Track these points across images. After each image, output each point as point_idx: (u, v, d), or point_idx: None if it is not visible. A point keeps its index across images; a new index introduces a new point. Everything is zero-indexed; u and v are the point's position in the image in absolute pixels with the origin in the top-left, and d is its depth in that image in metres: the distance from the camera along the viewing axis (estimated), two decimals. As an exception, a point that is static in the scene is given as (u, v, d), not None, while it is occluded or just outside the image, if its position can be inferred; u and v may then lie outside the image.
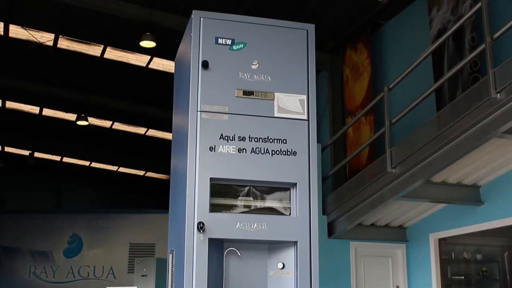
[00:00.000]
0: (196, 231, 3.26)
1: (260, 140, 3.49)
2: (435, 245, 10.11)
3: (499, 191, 9.00)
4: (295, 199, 3.48)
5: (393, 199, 8.85)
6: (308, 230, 3.43)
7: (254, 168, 3.44)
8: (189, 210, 3.31)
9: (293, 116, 3.59)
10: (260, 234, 3.36)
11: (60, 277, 17.97)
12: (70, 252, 18.19)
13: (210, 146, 3.42)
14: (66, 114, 17.00)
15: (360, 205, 9.50)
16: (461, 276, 10.64)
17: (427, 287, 10.11)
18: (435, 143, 7.89)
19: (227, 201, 3.43)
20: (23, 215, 18.69)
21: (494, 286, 10.42)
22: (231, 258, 3.44)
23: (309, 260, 3.40)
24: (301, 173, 3.50)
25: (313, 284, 3.38)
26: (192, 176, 3.36)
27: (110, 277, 17.64)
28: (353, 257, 10.26)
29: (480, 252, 10.58)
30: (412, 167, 8.32)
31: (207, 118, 3.45)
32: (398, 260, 10.52)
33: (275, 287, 3.45)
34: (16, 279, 18.07)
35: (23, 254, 18.23)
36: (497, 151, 8.13)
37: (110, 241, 18.14)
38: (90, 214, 18.78)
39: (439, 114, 8.16)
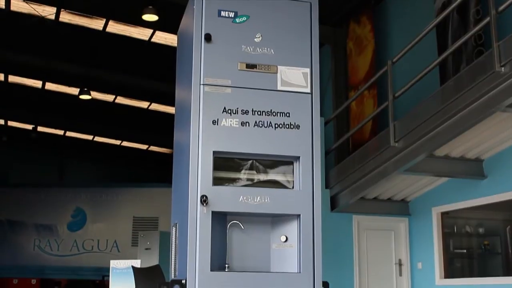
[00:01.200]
0: (199, 204, 3.26)
1: (263, 114, 3.48)
2: (437, 218, 10.14)
3: (502, 165, 9.00)
4: (298, 172, 3.47)
5: (396, 173, 8.87)
6: (311, 203, 3.43)
7: (257, 141, 3.43)
8: (192, 184, 3.31)
9: (296, 89, 3.57)
10: (263, 207, 3.36)
11: (64, 250, 18.10)
12: (74, 226, 18.30)
13: (213, 119, 3.41)
14: (69, 88, 16.98)
15: (363, 178, 9.52)
16: (463, 250, 10.69)
17: (429, 260, 10.16)
18: (439, 116, 7.88)
19: (230, 175, 3.43)
20: (27, 189, 18.77)
21: (496, 259, 10.46)
22: (234, 231, 3.45)
23: (312, 233, 3.41)
24: (304, 147, 3.49)
25: (316, 257, 3.39)
26: (195, 149, 3.36)
27: (114, 251, 17.76)
28: (355, 231, 10.30)
29: (482, 226, 10.60)
30: (415, 141, 8.31)
31: (210, 92, 3.44)
32: (400, 234, 10.56)
33: (278, 260, 3.46)
34: (21, 252, 18.21)
35: (28, 228, 18.34)
36: (500, 125, 8.12)
37: (113, 215, 18.24)
38: (94, 188, 18.85)
39: (443, 88, 8.14)
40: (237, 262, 3.42)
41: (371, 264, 10.32)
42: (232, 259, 3.42)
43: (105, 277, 15.85)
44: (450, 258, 10.32)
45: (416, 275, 10.40)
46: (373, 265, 10.33)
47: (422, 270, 10.29)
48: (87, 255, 17.96)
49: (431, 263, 10.13)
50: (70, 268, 17.88)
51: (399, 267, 10.46)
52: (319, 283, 3.38)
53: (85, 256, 17.98)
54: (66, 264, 17.91)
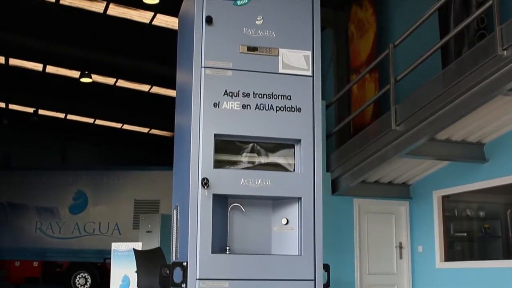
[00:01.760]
0: (201, 187, 3.27)
1: (265, 96, 3.47)
2: (438, 202, 10.16)
3: (504, 148, 9.00)
4: (299, 155, 3.47)
5: (397, 156, 8.87)
6: (312, 186, 3.44)
7: (258, 124, 3.43)
8: (194, 166, 3.31)
9: (297, 72, 3.56)
10: (264, 190, 3.36)
11: (66, 233, 18.15)
12: (75, 209, 18.33)
13: (214, 102, 3.40)
14: (70, 71, 16.95)
15: (364, 162, 9.52)
16: (463, 233, 10.72)
17: (430, 243, 10.19)
18: (440, 100, 7.87)
19: (231, 157, 3.43)
20: (28, 172, 18.77)
21: (496, 243, 10.49)
22: (235, 214, 3.46)
23: (313, 216, 3.42)
24: (305, 130, 3.49)
25: (316, 240, 3.40)
26: (196, 132, 3.36)
27: (115, 233, 17.80)
28: (356, 214, 10.32)
29: (483, 210, 10.62)
30: (416, 124, 8.30)
31: (211, 74, 3.43)
32: (401, 217, 10.58)
33: (279, 242, 3.47)
34: (22, 234, 18.26)
35: (29, 210, 18.38)
36: (502, 108, 8.11)
37: (115, 198, 18.26)
38: (95, 171, 18.85)
39: (445, 72, 8.11)
40: (238, 244, 3.43)
41: (371, 247, 10.35)
42: (233, 242, 3.43)
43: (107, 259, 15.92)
44: (450, 242, 10.35)
45: (417, 258, 10.44)
46: (374, 248, 10.36)
47: (422, 253, 10.32)
48: (88, 238, 18.00)
49: (431, 246, 10.16)
50: (72, 250, 17.93)
51: (399, 250, 10.49)
52: (320, 265, 3.39)
53: (86, 238, 18.02)
54: (68, 247, 17.96)
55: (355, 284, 10.12)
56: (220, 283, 3.23)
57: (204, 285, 3.21)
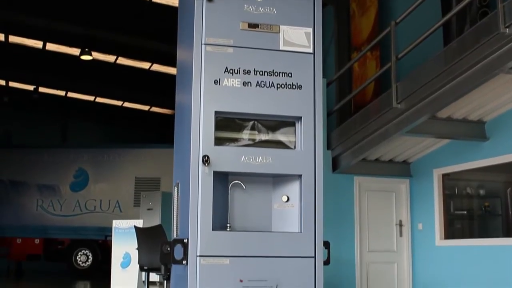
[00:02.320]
0: (201, 164, 3.27)
1: (265, 74, 3.46)
2: (438, 180, 10.17)
3: (505, 127, 8.99)
4: (300, 132, 3.47)
5: (398, 134, 8.87)
6: (312, 163, 3.44)
7: (259, 101, 3.42)
8: (194, 144, 3.31)
9: (298, 49, 3.55)
10: (265, 167, 3.37)
11: (67, 210, 18.21)
12: (76, 186, 18.37)
13: (214, 79, 3.39)
14: (70, 49, 16.88)
15: (364, 140, 9.52)
16: (463, 211, 10.75)
17: (430, 221, 10.22)
18: (442, 78, 7.84)
19: (232, 135, 3.43)
20: (29, 150, 18.79)
21: (496, 221, 10.52)
22: (236, 191, 3.46)
23: (314, 194, 3.42)
24: (306, 107, 3.48)
25: (317, 217, 3.41)
26: (197, 109, 3.35)
27: (116, 211, 17.86)
28: (357, 192, 10.34)
29: (483, 188, 10.64)
30: (417, 102, 8.29)
31: (212, 51, 3.42)
32: (401, 195, 10.61)
33: (279, 220, 3.48)
34: (24, 212, 18.33)
35: (30, 188, 18.42)
36: (504, 86, 8.09)
37: (115, 175, 18.29)
38: (96, 148, 18.86)
39: (446, 49, 8.08)
40: (238, 221, 3.44)
41: (372, 225, 10.39)
42: (234, 219, 3.44)
43: (108, 237, 15.99)
44: (450, 219, 10.38)
45: (417, 236, 10.48)
46: (374, 226, 10.40)
47: (422, 231, 10.36)
48: (89, 215, 18.06)
49: (431, 224, 10.19)
50: (73, 228, 18.00)
51: (399, 228, 10.53)
52: (320, 242, 3.40)
53: (87, 216, 18.08)
54: (69, 224, 18.02)
55: (355, 261, 10.18)
56: (220, 259, 3.25)
57: (204, 261, 3.22)
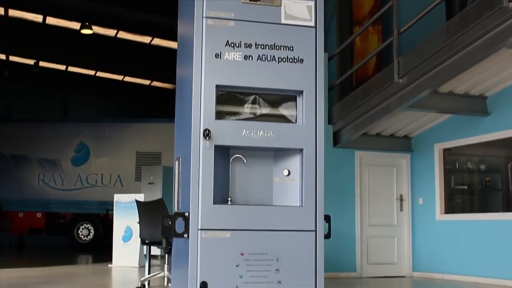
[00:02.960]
0: (202, 138, 3.27)
1: (267, 47, 3.44)
2: (439, 155, 10.18)
3: (506, 102, 8.98)
4: (301, 106, 3.46)
5: (399, 109, 8.85)
6: (314, 137, 3.43)
7: (260, 75, 3.40)
8: (195, 118, 3.30)
9: (300, 23, 3.52)
10: (266, 141, 3.36)
11: (68, 184, 18.27)
12: (77, 161, 18.41)
13: (216, 53, 3.37)
14: (70, 23, 16.80)
15: (366, 114, 9.51)
16: (464, 186, 10.78)
17: (430, 196, 10.25)
18: (444, 52, 7.81)
19: (233, 109, 3.42)
20: (30, 124, 18.80)
21: (496, 196, 10.55)
22: (237, 165, 3.46)
23: (315, 168, 3.42)
24: (307, 81, 3.47)
25: (318, 191, 3.41)
26: (198, 83, 3.34)
27: (118, 185, 17.92)
28: (357, 166, 10.36)
29: (484, 163, 10.66)
30: (419, 77, 8.26)
31: (213, 25, 3.39)
32: (402, 170, 10.63)
33: (280, 193, 3.49)
34: (25, 186, 18.39)
35: (32, 162, 18.47)
36: (506, 61, 8.06)
37: (117, 150, 18.32)
38: (97, 123, 18.87)
39: (449, 24, 8.03)
40: (239, 195, 3.45)
41: (372, 199, 10.42)
42: (235, 193, 3.45)
43: (109, 211, 16.07)
44: (451, 194, 10.42)
45: (417, 210, 10.51)
46: (375, 200, 10.44)
47: (423, 205, 10.40)
48: (91, 190, 18.13)
49: (432, 199, 10.23)
50: (75, 202, 18.07)
51: (400, 202, 10.57)
52: (321, 216, 3.41)
53: (89, 190, 18.15)
54: (71, 198, 18.09)
55: (356, 235, 10.23)
56: (221, 233, 3.26)
57: (205, 235, 3.24)
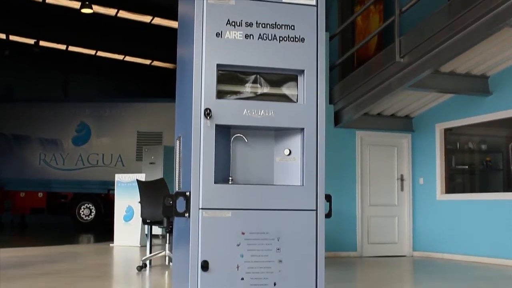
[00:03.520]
0: (203, 118, 3.26)
1: (268, 26, 3.42)
2: (440, 135, 10.18)
3: (508, 81, 8.96)
4: (303, 86, 3.45)
5: (400, 88, 8.84)
6: (315, 117, 3.42)
7: (262, 54, 3.39)
8: (196, 97, 3.30)
9: (301, 1, 3.50)
10: (267, 120, 3.36)
11: (69, 164, 18.29)
12: (78, 140, 18.41)
13: (216, 32, 3.36)
14: (70, 2, 16.72)
15: (367, 94, 9.50)
16: (465, 166, 10.78)
17: (431, 176, 10.26)
18: (445, 32, 7.77)
19: (234, 88, 3.41)
20: (31, 104, 18.79)
21: (497, 176, 10.56)
22: (238, 144, 3.46)
23: (316, 147, 3.42)
24: (309, 60, 3.45)
25: (319, 171, 3.42)
26: (199, 62, 3.33)
27: (119, 165, 17.94)
28: (359, 146, 10.36)
29: (485, 143, 10.66)
30: (421, 56, 8.24)
31: (214, 3, 3.37)
32: (403, 150, 10.63)
33: (281, 173, 3.49)
34: (27, 166, 18.42)
35: (33, 142, 18.48)
36: (508, 41, 8.03)
37: (117, 130, 18.32)
38: (98, 102, 18.85)
39: (451, 3, 7.98)
40: (240, 175, 3.45)
41: (373, 179, 10.44)
42: (236, 172, 3.45)
43: (111, 190, 16.10)
44: (451, 174, 10.43)
45: (418, 190, 10.53)
46: (376, 180, 10.45)
47: (423, 185, 10.41)
48: (92, 169, 18.15)
49: (432, 179, 10.24)
50: (76, 181, 18.11)
51: (401, 182, 10.58)
52: (322, 196, 3.42)
53: (90, 170, 18.17)
54: (72, 178, 18.13)
55: (356, 215, 10.26)
56: (222, 212, 3.27)
57: (206, 214, 3.25)
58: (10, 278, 6.44)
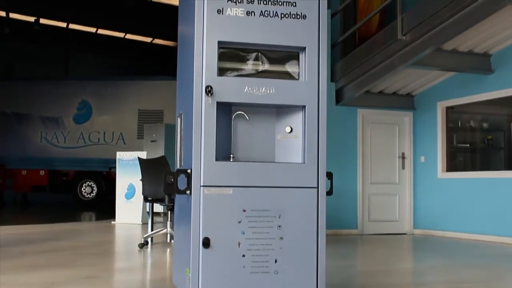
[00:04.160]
0: (204, 95, 3.26)
1: (269, 3, 3.40)
2: (442, 113, 10.16)
3: (510, 60, 8.92)
4: (304, 63, 3.44)
5: (402, 66, 8.80)
6: (316, 94, 3.42)
7: (263, 31, 3.38)
8: (197, 74, 3.29)
9: (303, -22, 3.47)
10: (268, 98, 3.35)
11: (71, 142, 18.29)
12: (80, 118, 18.40)
13: (217, 9, 3.34)
14: (71, -21, 16.63)
15: (368, 72, 9.46)
16: (466, 144, 10.77)
17: (433, 154, 10.26)
18: (448, 9, 7.72)
19: (235, 65, 3.40)
20: (32, 82, 18.74)
21: (498, 154, 10.56)
22: (239, 122, 3.46)
23: (317, 125, 3.42)
24: (310, 37, 3.44)
25: (320, 148, 3.42)
26: (200, 40, 3.31)
27: (120, 143, 17.95)
28: (360, 124, 10.35)
29: (487, 121, 10.64)
30: (423, 34, 8.19)
31: (215, -20, 3.35)
32: (405, 128, 10.62)
33: (282, 150, 3.49)
34: (28, 144, 18.42)
35: (34, 120, 18.46)
36: (511, 19, 7.97)
37: (119, 108, 18.29)
38: (99, 80, 18.80)
39: (454, -21, 7.92)
40: (242, 152, 3.46)
41: (374, 157, 10.43)
42: (237, 150, 3.45)
43: (112, 168, 16.12)
44: (453, 152, 10.42)
45: (419, 168, 10.54)
46: (377, 158, 10.45)
47: (425, 163, 10.41)
48: (93, 147, 18.15)
49: (434, 157, 10.24)
50: (77, 160, 18.12)
51: (402, 161, 10.58)
52: (323, 173, 3.42)
53: (91, 148, 18.17)
54: (73, 156, 18.14)
55: (357, 192, 10.27)
56: (223, 189, 3.27)
57: (208, 191, 3.25)
58: (12, 255, 6.48)
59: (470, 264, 6.62)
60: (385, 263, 6.65)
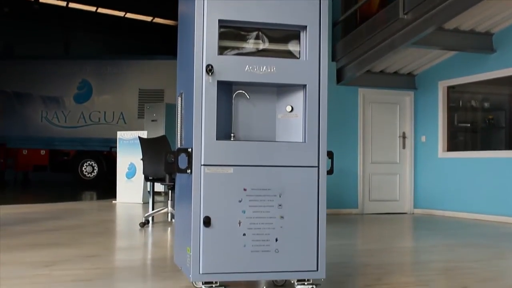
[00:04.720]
0: (205, 74, 3.24)
1: (270, -19, 3.38)
2: (443, 92, 10.14)
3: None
4: (305, 42, 3.42)
5: (404, 45, 8.76)
6: (317, 73, 3.40)
7: (264, 9, 3.35)
8: (198, 53, 3.27)
9: (304, -45, 3.44)
10: (269, 77, 3.34)
11: (71, 122, 18.29)
12: (80, 98, 18.38)
13: (218, -14, 3.31)
14: (70, -43, 16.52)
15: (370, 51, 9.43)
16: (467, 124, 10.76)
17: (433, 133, 10.26)
18: (450, -12, 7.67)
19: (236, 44, 3.38)
20: (32, 61, 18.69)
21: (499, 133, 10.55)
22: (240, 101, 3.45)
23: (318, 104, 3.41)
24: (311, 16, 3.41)
25: (321, 128, 3.41)
26: (200, 18, 3.29)
27: (121, 122, 17.94)
28: (361, 104, 10.33)
29: (488, 101, 10.61)
30: (425, 13, 8.15)
31: (215, -43, 3.32)
32: (405, 107, 10.60)
33: (283, 129, 3.48)
34: (29, 124, 18.42)
35: (34, 100, 18.44)
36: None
37: (119, 87, 18.26)
38: (99, 60, 18.75)
39: (456, -43, 7.86)
40: (242, 131, 3.45)
41: (375, 136, 10.43)
42: (238, 129, 3.44)
43: (113, 148, 16.14)
44: (454, 132, 10.42)
45: (419, 148, 10.54)
46: (377, 137, 10.45)
47: (425, 143, 10.41)
48: (94, 127, 18.16)
49: (435, 137, 10.23)
50: (78, 139, 18.14)
51: (403, 140, 10.58)
52: (324, 152, 3.42)
53: (92, 127, 18.18)
54: (74, 136, 18.15)
55: (358, 172, 10.29)
56: (224, 168, 3.27)
57: (209, 170, 3.25)
58: (13, 234, 6.50)
59: (471, 243, 6.64)
60: (386, 242, 6.67)
